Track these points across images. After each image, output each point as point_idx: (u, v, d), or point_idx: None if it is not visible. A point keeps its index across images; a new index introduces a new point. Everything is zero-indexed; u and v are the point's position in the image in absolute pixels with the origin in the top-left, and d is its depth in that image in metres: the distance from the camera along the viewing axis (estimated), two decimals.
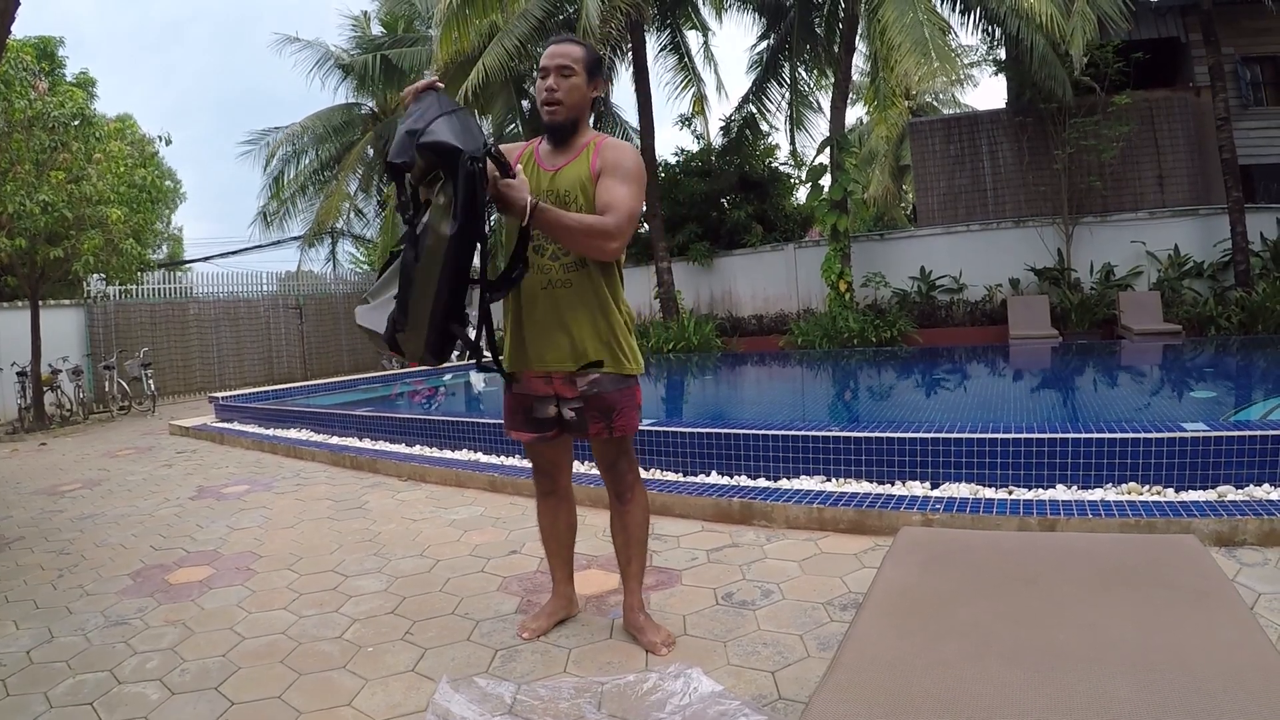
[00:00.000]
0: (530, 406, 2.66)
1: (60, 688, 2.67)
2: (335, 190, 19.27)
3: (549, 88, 2.49)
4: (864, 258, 13.91)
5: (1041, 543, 1.94)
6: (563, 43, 2.54)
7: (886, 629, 1.47)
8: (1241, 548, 3.15)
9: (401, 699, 2.42)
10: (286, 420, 8.46)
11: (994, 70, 16.52)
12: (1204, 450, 3.64)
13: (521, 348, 2.59)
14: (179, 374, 15.49)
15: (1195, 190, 13.42)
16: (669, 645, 2.64)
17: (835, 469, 4.26)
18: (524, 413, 2.68)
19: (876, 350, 11.87)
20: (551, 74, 2.48)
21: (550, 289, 2.51)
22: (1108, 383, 8.19)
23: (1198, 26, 12.46)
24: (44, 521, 5.27)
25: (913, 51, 10.23)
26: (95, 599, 3.58)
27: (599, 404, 2.58)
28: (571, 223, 2.34)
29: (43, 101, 10.18)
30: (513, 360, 2.62)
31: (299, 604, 3.34)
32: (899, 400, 7.83)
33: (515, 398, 2.69)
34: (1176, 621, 1.42)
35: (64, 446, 9.47)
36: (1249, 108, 13.55)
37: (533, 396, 2.64)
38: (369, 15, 20.73)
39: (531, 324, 2.56)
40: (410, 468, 5.75)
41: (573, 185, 2.49)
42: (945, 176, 15.20)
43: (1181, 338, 10.73)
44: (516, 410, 2.70)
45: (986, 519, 3.49)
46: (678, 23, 16.37)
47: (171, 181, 27.07)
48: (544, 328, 2.54)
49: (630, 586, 2.76)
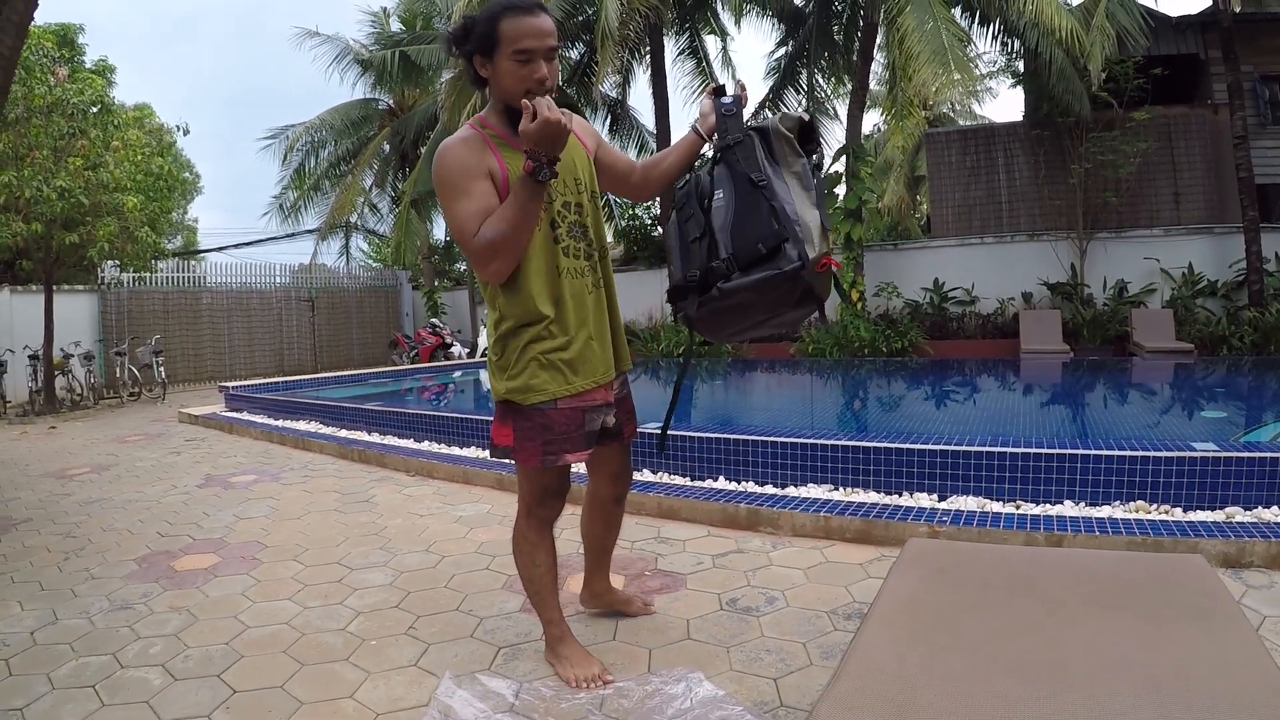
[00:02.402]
0: (582, 421, 2.36)
1: (63, 669, 2.68)
2: (351, 184, 19.37)
3: (542, 79, 2.18)
4: (877, 267, 13.88)
5: (1048, 558, 1.93)
6: (540, 13, 2.19)
7: (891, 640, 1.47)
8: (1248, 570, 3.13)
9: (403, 693, 2.43)
10: (296, 412, 8.49)
11: (1012, 83, 16.49)
12: (1213, 471, 3.62)
13: (589, 359, 2.35)
14: (190, 362, 15.58)
15: (1211, 208, 13.36)
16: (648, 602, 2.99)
17: (843, 478, 4.25)
18: (579, 428, 2.36)
19: (887, 360, 11.84)
20: (541, 59, 2.18)
21: (596, 291, 2.40)
22: (1118, 400, 8.15)
23: (1217, 44, 12.40)
24: (51, 504, 5.31)
25: (931, 61, 10.22)
26: (100, 583, 3.60)
27: (627, 405, 2.59)
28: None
29: (62, 88, 10.26)
30: (586, 373, 2.34)
31: (303, 595, 3.35)
32: (908, 411, 7.81)
33: (566, 414, 2.33)
34: (1182, 641, 1.42)
35: (73, 430, 9.53)
36: (1267, 126, 13.47)
37: (586, 409, 2.36)
38: (388, 11, 20.83)
39: (598, 330, 2.39)
40: (418, 463, 5.77)
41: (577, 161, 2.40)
42: (960, 188, 15.16)
43: (1193, 356, 10.68)
44: (571, 428, 2.33)
45: (994, 533, 3.48)
46: (696, 27, 16.40)
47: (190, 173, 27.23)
48: (601, 331, 2.40)
49: (605, 568, 2.91)
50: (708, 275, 2.22)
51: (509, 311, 2.29)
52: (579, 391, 2.33)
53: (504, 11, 2.16)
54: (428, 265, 20.94)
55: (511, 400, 2.33)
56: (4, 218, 10.40)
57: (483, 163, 2.22)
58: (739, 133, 2.32)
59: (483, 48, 2.21)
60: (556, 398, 2.30)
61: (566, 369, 2.31)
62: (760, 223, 2.18)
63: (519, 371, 2.29)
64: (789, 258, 2.13)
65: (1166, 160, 13.57)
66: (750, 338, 2.45)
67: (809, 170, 2.28)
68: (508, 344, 2.32)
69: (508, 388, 2.32)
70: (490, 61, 2.21)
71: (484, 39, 2.19)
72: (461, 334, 18.97)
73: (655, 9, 12.40)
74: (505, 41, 2.16)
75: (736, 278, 2.18)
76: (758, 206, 2.19)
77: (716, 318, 2.29)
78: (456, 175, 2.20)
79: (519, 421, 2.34)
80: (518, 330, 2.29)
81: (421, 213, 17.91)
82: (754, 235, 2.18)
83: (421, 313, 19.95)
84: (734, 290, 2.18)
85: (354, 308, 19.03)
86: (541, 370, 2.29)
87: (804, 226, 2.16)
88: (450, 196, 2.20)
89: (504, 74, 2.20)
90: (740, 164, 2.26)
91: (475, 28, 2.21)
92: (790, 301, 2.21)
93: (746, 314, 2.27)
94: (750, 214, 2.21)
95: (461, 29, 2.23)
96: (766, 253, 2.15)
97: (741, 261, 2.18)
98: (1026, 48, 12.60)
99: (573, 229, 2.34)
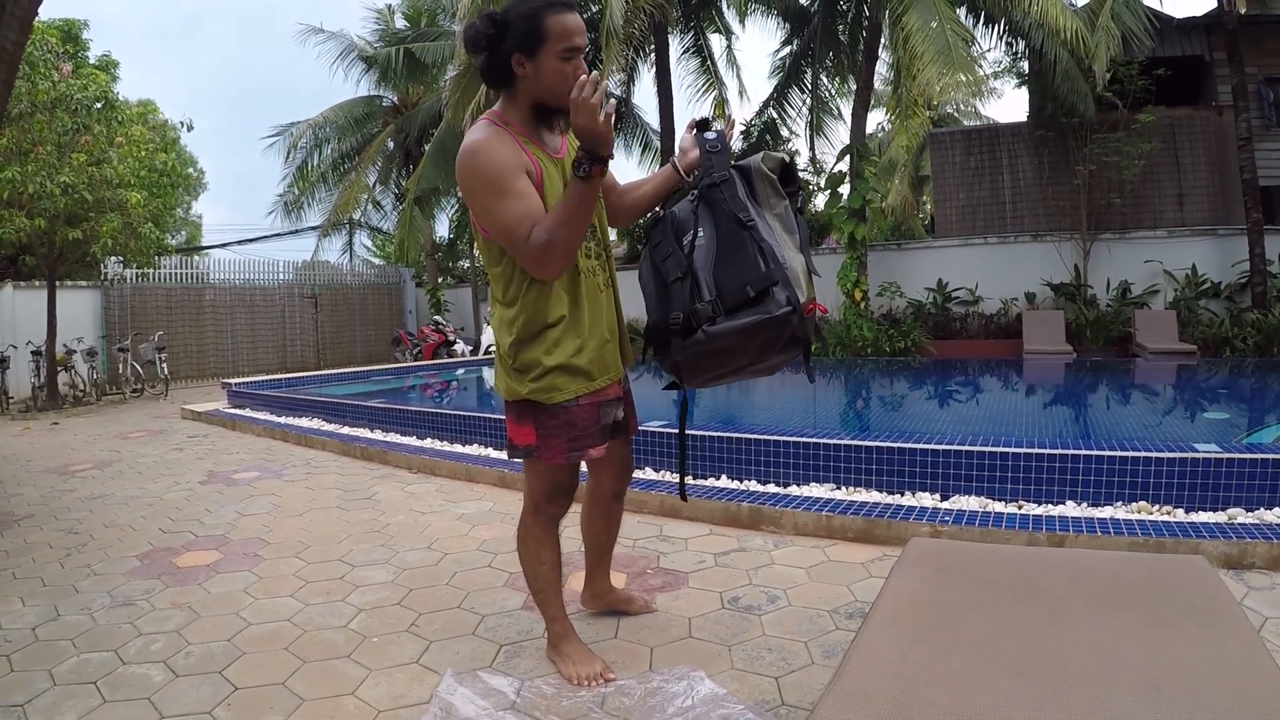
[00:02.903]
0: (599, 415, 2.36)
1: (64, 665, 2.69)
2: (354, 182, 19.36)
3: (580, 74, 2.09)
4: (880, 267, 13.86)
5: (1050, 558, 1.93)
6: (574, 11, 2.15)
7: (893, 639, 1.47)
8: (1250, 571, 3.13)
9: (405, 690, 2.43)
10: (298, 408, 8.50)
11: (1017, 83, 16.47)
12: (1215, 472, 3.61)
13: (606, 357, 2.37)
14: (193, 359, 15.59)
15: (1215, 210, 13.33)
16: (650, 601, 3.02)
17: (845, 477, 4.25)
18: (597, 423, 2.36)
19: (890, 360, 11.83)
20: (579, 57, 2.15)
21: (606, 290, 2.41)
22: (1120, 401, 8.15)
23: (1222, 45, 12.37)
24: (54, 500, 5.32)
25: (935, 60, 10.20)
26: (102, 579, 3.61)
27: (630, 400, 2.59)
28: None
29: (66, 84, 10.27)
30: (603, 370, 2.36)
31: (305, 592, 3.35)
32: (911, 411, 7.81)
33: (587, 410, 2.33)
34: (1183, 641, 1.42)
35: (76, 426, 9.54)
36: (1271, 128, 13.43)
37: (602, 404, 2.37)
38: (392, 8, 20.82)
39: (612, 328, 2.41)
40: (421, 460, 5.78)
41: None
42: (964, 188, 15.14)
43: (1196, 358, 10.67)
44: (591, 423, 2.34)
45: (996, 532, 3.48)
46: (701, 25, 16.36)
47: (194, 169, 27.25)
48: (613, 329, 2.41)
49: (606, 567, 2.90)
50: (691, 317, 2.16)
51: (529, 312, 2.26)
52: (599, 388, 2.34)
53: (546, 8, 2.10)
54: (431, 262, 20.94)
55: (533, 399, 2.30)
56: (7, 213, 10.41)
57: (521, 159, 2.16)
58: (724, 170, 2.28)
59: (525, 45, 2.13)
60: (579, 395, 2.30)
61: (587, 367, 2.30)
62: (747, 264, 2.14)
63: (543, 373, 2.26)
64: (778, 302, 2.09)
65: (1171, 162, 13.54)
66: (727, 381, 2.39)
67: (790, 212, 2.26)
68: (526, 346, 2.27)
69: (531, 388, 2.28)
70: (532, 59, 2.14)
71: (528, 36, 2.11)
72: (464, 331, 18.97)
73: (660, 7, 12.38)
74: (553, 39, 2.11)
75: (723, 321, 2.14)
76: (743, 248, 2.16)
77: (698, 361, 2.22)
78: (497, 174, 2.12)
79: (543, 420, 2.31)
80: (540, 332, 2.26)
81: (425, 210, 17.90)
82: (741, 277, 2.14)
83: (425, 310, 19.95)
84: (720, 334, 2.13)
85: (357, 305, 19.04)
86: (565, 369, 2.27)
87: (791, 270, 2.13)
88: (492, 195, 2.12)
89: (548, 72, 2.14)
90: (726, 202, 2.22)
91: (513, 24, 2.12)
92: (777, 346, 2.18)
93: (730, 358, 2.22)
94: (735, 255, 2.17)
95: (493, 25, 2.13)
96: (755, 296, 2.11)
97: (728, 304, 2.14)
98: (1031, 48, 12.57)
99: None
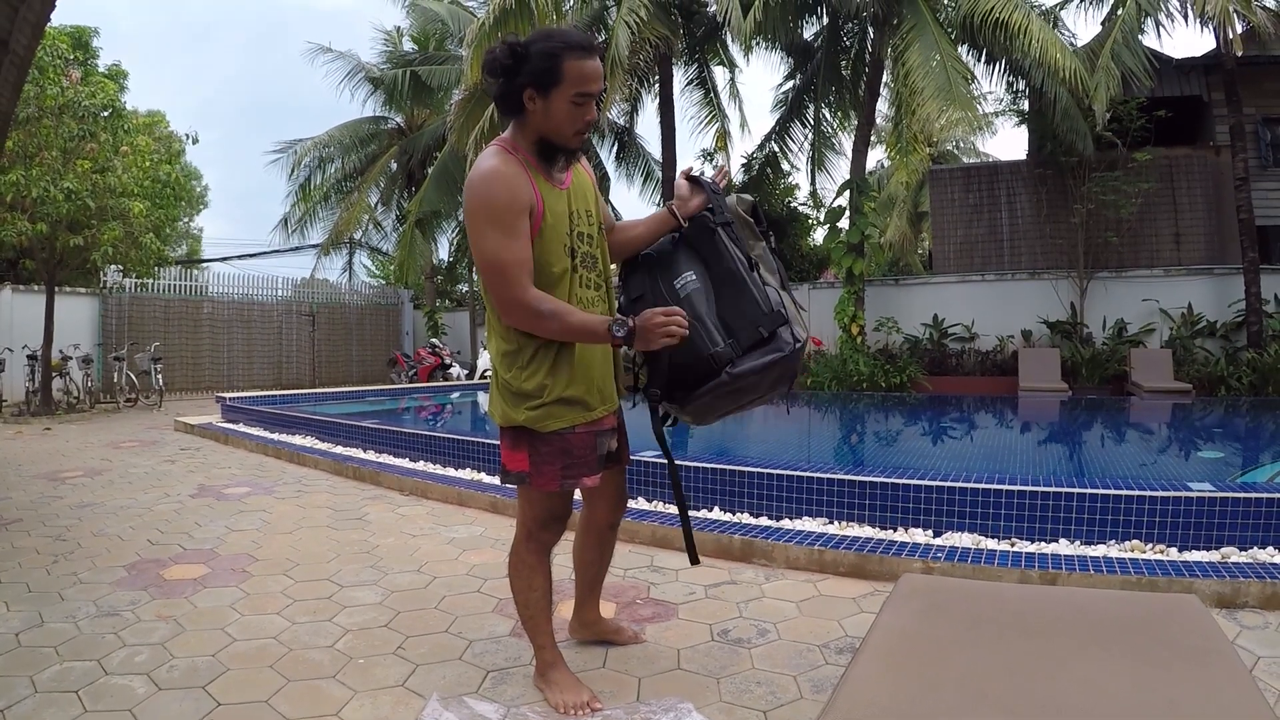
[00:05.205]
0: (595, 444, 2.37)
1: (46, 673, 2.66)
2: (357, 201, 19.44)
3: (593, 120, 2.24)
4: (878, 302, 13.93)
5: (1042, 596, 1.93)
6: (597, 56, 2.21)
7: (883, 674, 1.46)
8: (1243, 610, 3.12)
9: (389, 713, 2.40)
10: (292, 425, 8.47)
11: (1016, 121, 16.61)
12: (1209, 511, 3.61)
13: (604, 387, 2.39)
14: (188, 371, 15.58)
15: (1211, 249, 13.44)
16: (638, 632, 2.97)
17: (838, 511, 4.23)
18: (593, 451, 2.36)
19: (885, 395, 11.84)
20: (591, 102, 2.20)
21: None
22: (1115, 439, 8.15)
23: (1220, 86, 12.55)
24: (43, 506, 5.29)
25: (935, 97, 10.33)
26: (88, 587, 3.58)
27: (624, 431, 2.59)
28: None
29: (74, 90, 10.35)
30: (600, 399, 2.37)
31: (292, 610, 3.33)
32: (905, 446, 7.80)
33: (583, 438, 2.33)
34: (1175, 680, 1.41)
35: (68, 433, 9.51)
36: (1268, 168, 13.60)
37: (599, 433, 2.38)
38: (401, 31, 21.01)
39: (609, 359, 2.42)
40: (413, 483, 5.75)
41: (588, 194, 2.41)
42: (963, 225, 15.25)
43: (1191, 397, 10.69)
44: (587, 452, 2.34)
45: (988, 570, 3.46)
46: (705, 58, 16.52)
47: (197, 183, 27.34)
48: (609, 359, 2.43)
49: (596, 596, 2.87)
50: (712, 360, 2.24)
51: (529, 341, 2.26)
52: (597, 418, 2.36)
53: (568, 50, 2.13)
54: (430, 285, 20.99)
55: (528, 427, 2.30)
56: (10, 216, 10.45)
57: (527, 197, 2.18)
58: (726, 213, 2.39)
59: (539, 82, 2.15)
60: (575, 424, 2.30)
61: (585, 397, 2.32)
62: (750, 305, 2.24)
63: (540, 402, 2.26)
64: (785, 340, 2.21)
65: (1168, 201, 13.68)
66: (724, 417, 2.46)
67: (768, 252, 2.36)
68: (524, 374, 2.27)
69: (528, 416, 2.27)
70: (544, 97, 2.17)
71: (544, 75, 2.14)
72: (461, 355, 18.98)
73: (665, 39, 12.52)
74: (569, 82, 2.14)
75: (743, 362, 2.22)
76: (744, 288, 2.25)
77: (717, 402, 2.30)
78: (502, 208, 2.15)
79: (537, 446, 2.30)
80: (538, 360, 2.27)
81: (426, 233, 17.95)
82: (750, 318, 2.24)
83: (422, 332, 19.97)
84: (743, 374, 2.22)
85: (354, 324, 19.06)
86: (563, 401, 2.28)
87: (787, 308, 2.26)
88: (493, 226, 2.14)
89: (558, 112, 2.18)
90: (738, 243, 2.35)
91: (531, 60, 2.14)
92: (785, 380, 2.30)
93: (744, 396, 2.30)
94: (737, 296, 2.27)
95: (511, 56, 2.14)
96: (767, 335, 2.22)
97: (744, 345, 2.23)
98: (1031, 87, 12.74)
99: (585, 260, 2.35)
